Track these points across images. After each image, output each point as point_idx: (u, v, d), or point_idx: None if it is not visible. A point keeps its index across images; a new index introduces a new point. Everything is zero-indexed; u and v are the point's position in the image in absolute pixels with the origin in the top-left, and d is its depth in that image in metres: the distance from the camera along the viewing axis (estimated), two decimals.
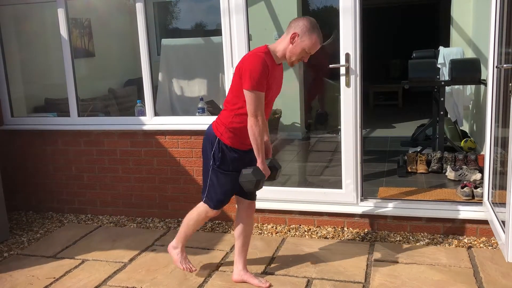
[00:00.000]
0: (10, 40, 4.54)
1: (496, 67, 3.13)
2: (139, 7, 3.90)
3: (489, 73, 3.27)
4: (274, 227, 3.83)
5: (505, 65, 2.92)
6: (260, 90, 2.59)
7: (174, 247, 3.11)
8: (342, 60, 3.50)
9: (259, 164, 2.71)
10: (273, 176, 2.87)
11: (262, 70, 2.58)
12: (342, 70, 3.51)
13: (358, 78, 3.51)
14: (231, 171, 2.80)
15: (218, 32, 3.81)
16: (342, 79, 3.53)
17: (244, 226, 2.95)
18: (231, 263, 3.19)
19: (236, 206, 3.04)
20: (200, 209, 2.96)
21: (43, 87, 5.21)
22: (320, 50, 2.78)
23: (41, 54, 5.19)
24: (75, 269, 3.33)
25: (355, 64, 3.48)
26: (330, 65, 3.54)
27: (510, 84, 2.65)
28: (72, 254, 3.58)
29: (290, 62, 2.73)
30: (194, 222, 3.00)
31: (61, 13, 4.12)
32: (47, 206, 4.50)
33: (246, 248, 3.00)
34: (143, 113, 4.14)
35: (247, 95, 2.60)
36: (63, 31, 4.14)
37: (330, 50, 4.49)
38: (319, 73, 5.25)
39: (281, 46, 2.70)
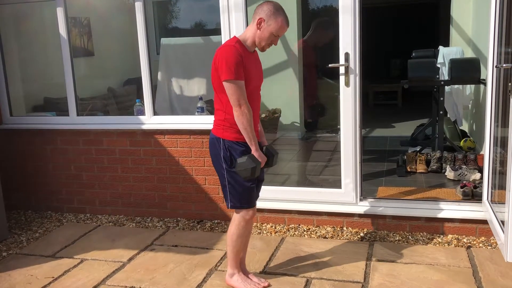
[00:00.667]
0: (9, 39, 4.54)
1: (496, 66, 3.13)
2: (138, 6, 3.90)
3: (489, 72, 3.27)
4: (273, 227, 3.83)
5: (504, 65, 2.92)
6: (238, 78, 2.58)
7: (231, 275, 2.95)
8: (342, 60, 3.49)
9: (253, 152, 2.69)
10: (271, 162, 2.86)
11: (236, 59, 2.58)
12: (342, 70, 3.51)
13: (357, 78, 3.50)
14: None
15: (217, 31, 3.81)
16: (342, 79, 3.52)
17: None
18: None
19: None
20: (236, 219, 2.85)
21: (42, 86, 5.20)
22: (304, 44, 2.76)
23: (40, 53, 5.18)
24: (74, 268, 3.33)
25: (355, 63, 3.48)
26: (330, 65, 3.54)
27: (510, 84, 2.65)
28: (71, 253, 3.58)
29: (260, 47, 2.74)
30: (238, 236, 2.85)
31: (60, 12, 4.11)
32: (46, 205, 4.50)
33: (245, 247, 3.00)
34: (142, 113, 4.13)
35: (227, 86, 2.60)
36: (62, 30, 4.14)
37: (312, 43, 4.50)
38: (311, 68, 5.24)
39: (249, 33, 2.71)
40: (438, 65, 5.12)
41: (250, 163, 2.64)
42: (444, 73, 5.16)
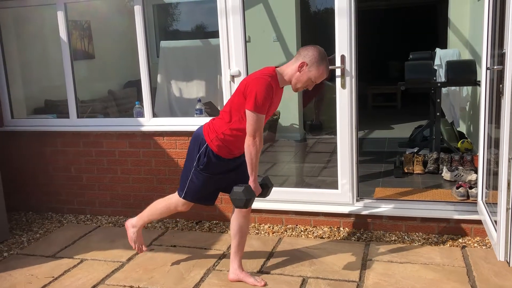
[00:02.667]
0: (11, 42, 4.59)
1: (487, 68, 3.17)
2: (137, 9, 3.95)
3: (483, 74, 3.31)
4: (271, 227, 3.87)
5: (495, 67, 2.96)
6: (262, 112, 2.66)
7: (133, 226, 3.22)
8: (338, 62, 3.54)
9: (251, 182, 2.78)
10: (264, 193, 2.95)
11: (267, 94, 2.64)
12: (338, 72, 3.55)
13: (353, 80, 3.55)
14: (213, 174, 2.88)
15: (216, 34, 3.86)
16: (338, 81, 3.57)
17: (240, 225, 2.99)
18: (227, 263, 3.23)
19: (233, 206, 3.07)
20: (172, 201, 3.05)
21: (43, 88, 5.25)
22: None
23: (41, 56, 5.24)
24: (73, 268, 3.38)
25: (351, 65, 3.52)
26: None
27: (501, 86, 2.69)
28: (71, 253, 3.62)
29: (294, 88, 2.79)
30: (162, 212, 3.11)
31: (60, 16, 4.17)
32: (46, 206, 4.55)
33: (242, 247, 3.04)
34: (141, 115, 4.18)
35: (249, 115, 2.66)
36: (63, 33, 4.19)
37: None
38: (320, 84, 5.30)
39: (288, 71, 2.75)
40: (435, 67, 5.17)
41: (246, 195, 2.71)
42: (441, 75, 5.20)
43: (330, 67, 3.54)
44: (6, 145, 4.48)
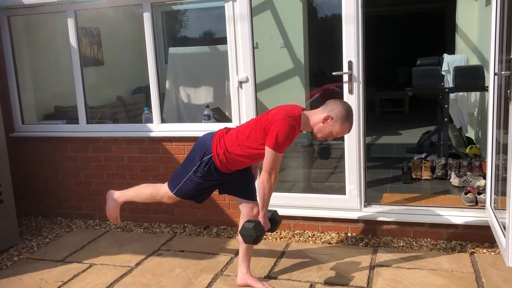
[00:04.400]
0: (22, 48, 4.65)
1: (495, 74, 3.17)
2: (146, 16, 3.99)
3: (490, 80, 3.31)
4: (278, 233, 3.88)
5: (503, 72, 2.96)
6: (280, 152, 2.70)
7: (114, 199, 3.26)
8: (345, 68, 3.55)
9: (260, 218, 2.84)
10: (273, 228, 2.99)
11: (289, 136, 2.68)
12: (345, 78, 3.57)
13: (361, 85, 3.56)
14: (208, 181, 2.92)
15: (224, 40, 3.89)
16: (345, 86, 3.58)
17: None
18: (235, 268, 3.24)
19: (240, 211, 3.08)
20: (160, 192, 3.07)
21: (53, 95, 5.31)
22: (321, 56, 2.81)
23: (51, 62, 5.30)
24: (82, 273, 3.40)
25: (358, 71, 3.54)
26: (333, 73, 3.60)
27: (509, 91, 2.69)
28: (80, 258, 3.65)
29: (315, 136, 2.83)
30: (146, 198, 3.14)
31: (70, 23, 4.22)
32: (56, 211, 4.58)
33: (250, 252, 3.05)
34: (150, 120, 4.21)
35: (268, 152, 2.70)
36: (73, 40, 4.24)
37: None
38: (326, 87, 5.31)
39: (313, 118, 2.78)
40: (443, 73, 5.16)
41: (256, 231, 2.75)
42: (449, 81, 5.19)
43: (337, 72, 3.58)
44: (16, 151, 4.53)
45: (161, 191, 3.07)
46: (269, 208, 2.94)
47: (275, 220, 2.99)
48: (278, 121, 2.69)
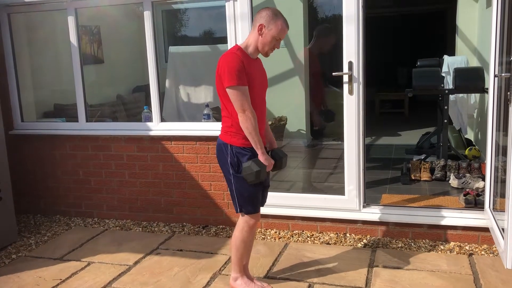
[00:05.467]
0: (22, 46, 4.64)
1: (495, 75, 3.17)
2: (147, 15, 3.99)
3: (490, 82, 3.31)
4: (277, 233, 3.88)
5: (503, 74, 2.96)
6: (240, 84, 2.65)
7: (235, 279, 2.98)
8: (345, 68, 3.55)
9: (259, 156, 2.74)
10: (279, 164, 2.90)
11: (238, 65, 2.65)
12: (345, 78, 3.56)
13: (361, 86, 3.56)
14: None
15: (224, 39, 3.89)
16: (345, 87, 3.58)
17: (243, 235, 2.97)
18: None
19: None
20: (240, 225, 2.90)
21: (53, 93, 5.30)
22: (309, 53, 2.80)
23: (51, 60, 5.29)
24: (81, 271, 3.40)
25: (358, 72, 3.53)
26: (333, 73, 3.60)
27: (509, 93, 2.69)
28: (78, 256, 3.65)
29: (264, 52, 2.80)
30: (241, 240, 2.90)
31: (71, 21, 4.22)
32: (54, 209, 4.58)
33: (249, 253, 3.04)
34: (150, 119, 4.21)
35: (230, 93, 2.67)
36: (73, 38, 4.24)
37: (316, 51, 4.55)
38: (316, 76, 5.28)
39: (251, 40, 2.78)
40: (443, 74, 5.16)
41: (255, 167, 2.70)
42: (449, 82, 5.20)
43: (337, 73, 3.58)
44: (16, 148, 4.53)
45: (240, 223, 2.91)
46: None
47: (278, 156, 2.89)
48: (222, 60, 2.71)
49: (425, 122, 7.32)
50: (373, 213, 3.71)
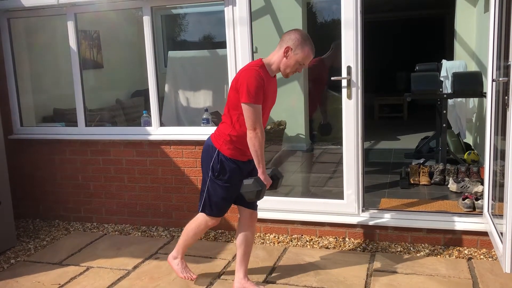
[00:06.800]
0: (21, 51, 4.65)
1: (493, 80, 3.18)
2: (146, 19, 4.00)
3: (488, 86, 3.32)
4: (276, 237, 3.88)
5: (500, 79, 2.97)
6: (257, 103, 2.67)
7: (174, 257, 3.20)
8: (344, 73, 3.56)
9: (260, 174, 2.77)
10: (275, 185, 2.94)
11: (258, 84, 2.66)
12: (344, 83, 3.58)
13: (359, 91, 3.57)
14: (229, 182, 2.86)
15: (223, 44, 3.90)
16: (344, 91, 3.59)
17: (245, 235, 3.00)
18: (233, 272, 3.24)
19: (238, 215, 3.09)
20: (199, 220, 3.03)
21: (52, 97, 5.31)
22: (321, 63, 2.84)
23: (51, 65, 5.30)
24: (80, 276, 3.40)
25: (357, 76, 3.55)
26: (332, 78, 3.61)
27: (506, 97, 2.70)
28: (77, 261, 3.64)
29: (285, 74, 2.82)
30: (194, 233, 3.07)
31: (70, 25, 4.23)
32: (53, 214, 4.58)
33: (248, 256, 3.05)
34: (149, 124, 4.22)
35: (245, 108, 2.68)
36: (72, 43, 4.25)
37: (329, 63, 4.57)
38: (321, 85, 5.30)
39: (275, 59, 2.78)
40: (441, 79, 5.17)
41: (256, 186, 2.72)
42: (448, 87, 5.21)
43: (336, 78, 3.59)
44: (15, 153, 4.53)
45: (199, 218, 3.02)
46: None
47: (276, 176, 2.93)
48: (243, 74, 2.70)
49: (424, 127, 7.33)
50: (372, 218, 3.71)
